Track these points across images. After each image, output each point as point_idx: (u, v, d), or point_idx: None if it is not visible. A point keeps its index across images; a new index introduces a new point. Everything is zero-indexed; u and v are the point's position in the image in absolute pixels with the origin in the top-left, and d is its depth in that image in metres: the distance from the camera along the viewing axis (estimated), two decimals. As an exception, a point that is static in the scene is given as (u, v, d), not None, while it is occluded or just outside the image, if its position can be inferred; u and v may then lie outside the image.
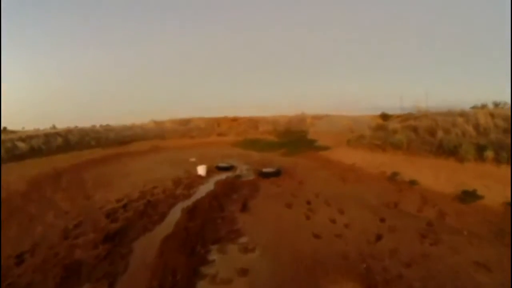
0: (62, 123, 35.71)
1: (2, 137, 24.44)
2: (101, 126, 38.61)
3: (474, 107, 17.29)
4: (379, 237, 7.12)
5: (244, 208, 10.23)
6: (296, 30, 77.72)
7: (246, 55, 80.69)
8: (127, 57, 78.19)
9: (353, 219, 8.40)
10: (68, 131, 29.73)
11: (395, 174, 12.11)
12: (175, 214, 10.12)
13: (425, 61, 66.55)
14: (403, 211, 8.89)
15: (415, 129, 15.04)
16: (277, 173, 15.29)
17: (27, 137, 24.63)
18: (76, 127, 36.28)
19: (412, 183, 10.86)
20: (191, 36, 79.82)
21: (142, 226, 9.12)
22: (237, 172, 17.44)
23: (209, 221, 9.19)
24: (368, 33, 73.39)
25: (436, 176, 10.60)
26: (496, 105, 16.80)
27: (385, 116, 25.14)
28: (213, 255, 7.02)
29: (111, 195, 12.77)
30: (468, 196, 9.09)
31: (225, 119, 44.72)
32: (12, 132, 30.16)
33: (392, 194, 10.39)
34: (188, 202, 11.28)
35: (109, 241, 8.02)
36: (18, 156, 20.46)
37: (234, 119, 44.53)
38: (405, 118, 18.78)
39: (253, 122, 41.45)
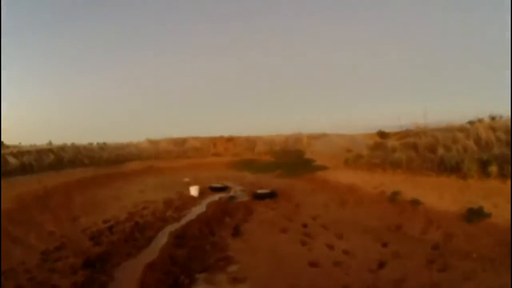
0: (59, 140, 34.86)
1: (5, 151, 23.85)
2: (97, 144, 38.00)
3: (470, 122, 16.80)
4: (382, 265, 6.49)
5: (236, 233, 9.62)
6: (292, 49, 77.91)
7: (243, 74, 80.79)
8: (125, 77, 78.11)
9: (353, 245, 7.77)
10: (61, 149, 28.96)
11: (395, 194, 11.48)
12: (163, 238, 9.61)
13: (421, 78, 66.47)
14: (406, 234, 8.26)
15: (414, 147, 14.52)
16: (271, 195, 14.74)
17: (18, 153, 23.92)
18: (73, 143, 35.65)
19: (415, 203, 10.19)
20: (187, 55, 79.86)
21: (126, 251, 8.55)
22: (231, 193, 16.90)
23: (198, 247, 8.62)
24: (363, 52, 73.71)
25: (439, 195, 9.95)
26: (493, 118, 16.34)
27: (382, 134, 24.64)
28: (199, 286, 6.43)
29: (99, 216, 12.27)
30: (475, 215, 8.44)
31: (221, 139, 44.14)
32: (6, 146, 29.49)
33: (394, 215, 9.75)
34: (177, 225, 10.79)
35: (89, 266, 7.48)
36: (8, 172, 19.74)
37: (230, 139, 43.93)
38: (403, 135, 18.22)
39: (250, 142, 40.86)
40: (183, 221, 11.35)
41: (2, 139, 29.94)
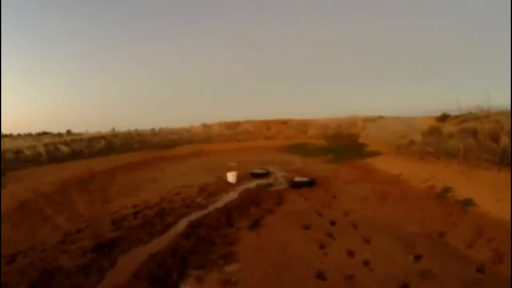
0: (122, 127, 37.63)
1: (57, 139, 25.52)
2: (152, 129, 39.51)
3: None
4: (404, 287, 5.23)
5: (255, 226, 8.70)
6: (348, 28, 74.25)
7: (297, 56, 78.97)
8: (184, 62, 80.00)
9: (378, 253, 6.45)
10: (113, 135, 30.23)
11: (446, 190, 9.87)
12: (181, 226, 9.07)
13: (485, 58, 59.89)
14: (448, 245, 6.66)
15: (474, 133, 12.50)
16: (310, 183, 13.58)
17: (71, 141, 25.25)
18: (136, 130, 37.73)
19: (467, 204, 8.59)
20: (243, 37, 79.52)
21: (139, 237, 8.26)
22: (270, 180, 15.97)
23: (207, 239, 7.88)
24: (424, 30, 68.11)
25: (497, 197, 8.12)
26: None
27: (444, 118, 22.02)
28: (186, 284, 5.75)
29: (132, 200, 12.29)
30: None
31: (275, 122, 43.44)
32: (61, 135, 31.65)
33: (439, 219, 8.15)
34: (199, 214, 10.18)
35: (98, 250, 7.39)
36: (58, 159, 20.93)
37: (284, 122, 43.10)
38: (463, 119, 15.86)
39: (303, 126, 39.84)
40: (208, 209, 10.70)
41: (70, 127, 32.48)
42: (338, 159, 21.63)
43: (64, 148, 22.84)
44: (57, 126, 74.57)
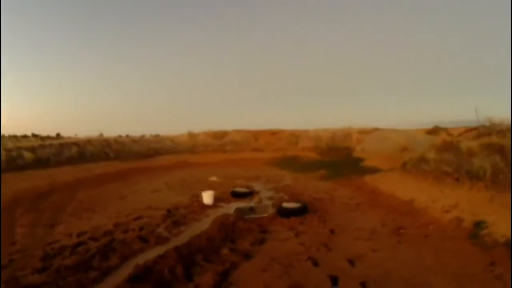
0: (111, 132, 36.68)
1: (19, 144, 23.08)
2: (149, 135, 39.51)
3: None
4: None
5: (222, 282, 5.96)
6: (340, 38, 73.29)
7: (288, 64, 77.74)
8: (171, 69, 78.38)
9: None
10: (88, 142, 27.74)
11: (478, 225, 7.60)
12: (120, 275, 6.36)
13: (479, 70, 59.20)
14: None
15: (501, 150, 10.33)
16: (301, 211, 11.09)
17: (39, 146, 22.85)
18: (127, 136, 37.03)
19: (514, 247, 6.28)
20: (231, 46, 78.03)
21: None
22: (253, 202, 13.46)
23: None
24: (417, 40, 67.46)
25: None
26: None
27: (437, 130, 19.85)
28: None
29: (82, 224, 9.97)
30: None
31: (264, 133, 41.48)
32: (59, 138, 29.91)
33: (481, 272, 5.71)
34: (154, 252, 7.47)
35: None
36: (19, 167, 18.63)
37: (274, 133, 41.12)
38: (483, 132, 13.55)
39: (294, 137, 37.95)
40: (168, 246, 7.97)
41: (59, 131, 30.85)
42: (333, 175, 19.49)
43: (28, 155, 20.34)
44: (50, 129, 71.84)
